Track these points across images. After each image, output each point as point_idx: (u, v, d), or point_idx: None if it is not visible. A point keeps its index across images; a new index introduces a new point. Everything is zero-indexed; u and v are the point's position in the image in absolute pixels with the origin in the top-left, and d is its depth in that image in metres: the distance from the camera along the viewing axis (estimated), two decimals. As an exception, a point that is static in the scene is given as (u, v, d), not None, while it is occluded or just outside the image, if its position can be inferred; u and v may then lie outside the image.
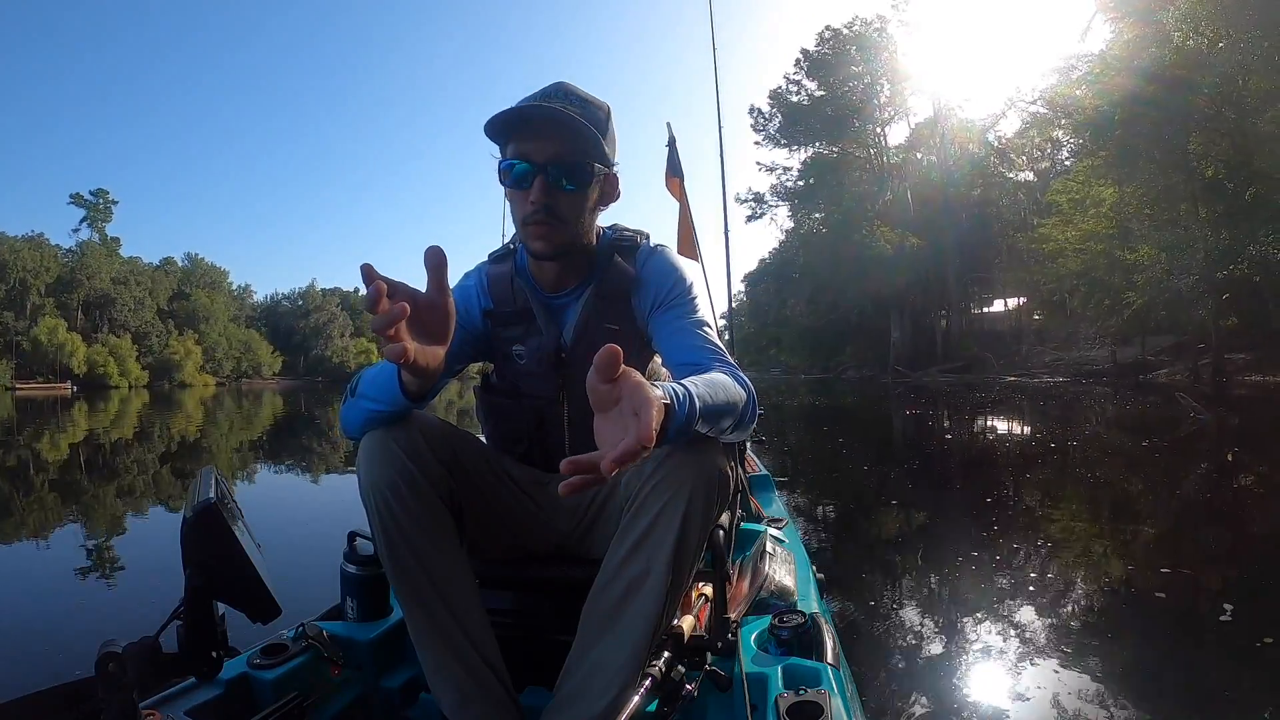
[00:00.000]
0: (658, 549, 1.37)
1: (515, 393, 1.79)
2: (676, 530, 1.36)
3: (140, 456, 12.33)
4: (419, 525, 1.45)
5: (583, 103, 1.60)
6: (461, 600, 1.48)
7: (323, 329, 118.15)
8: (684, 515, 1.36)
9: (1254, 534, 5.21)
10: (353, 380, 1.57)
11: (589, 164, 1.59)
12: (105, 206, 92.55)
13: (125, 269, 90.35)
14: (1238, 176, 23.67)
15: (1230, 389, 20.43)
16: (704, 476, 1.39)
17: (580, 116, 1.54)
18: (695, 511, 1.37)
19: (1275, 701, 2.70)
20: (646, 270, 1.73)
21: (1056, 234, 33.20)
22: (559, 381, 1.74)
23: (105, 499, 7.89)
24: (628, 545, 1.40)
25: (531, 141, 1.56)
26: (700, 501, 1.38)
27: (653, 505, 1.38)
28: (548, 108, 1.53)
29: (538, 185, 1.55)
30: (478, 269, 1.85)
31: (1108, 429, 12.38)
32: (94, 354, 78.36)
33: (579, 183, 1.59)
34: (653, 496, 1.38)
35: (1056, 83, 35.05)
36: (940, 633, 3.44)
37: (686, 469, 1.38)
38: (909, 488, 7.61)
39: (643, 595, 1.38)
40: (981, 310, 56.75)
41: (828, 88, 55.03)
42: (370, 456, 1.46)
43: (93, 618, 3.95)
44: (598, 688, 1.37)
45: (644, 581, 1.38)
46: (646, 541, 1.38)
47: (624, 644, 1.38)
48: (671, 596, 1.40)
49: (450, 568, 1.48)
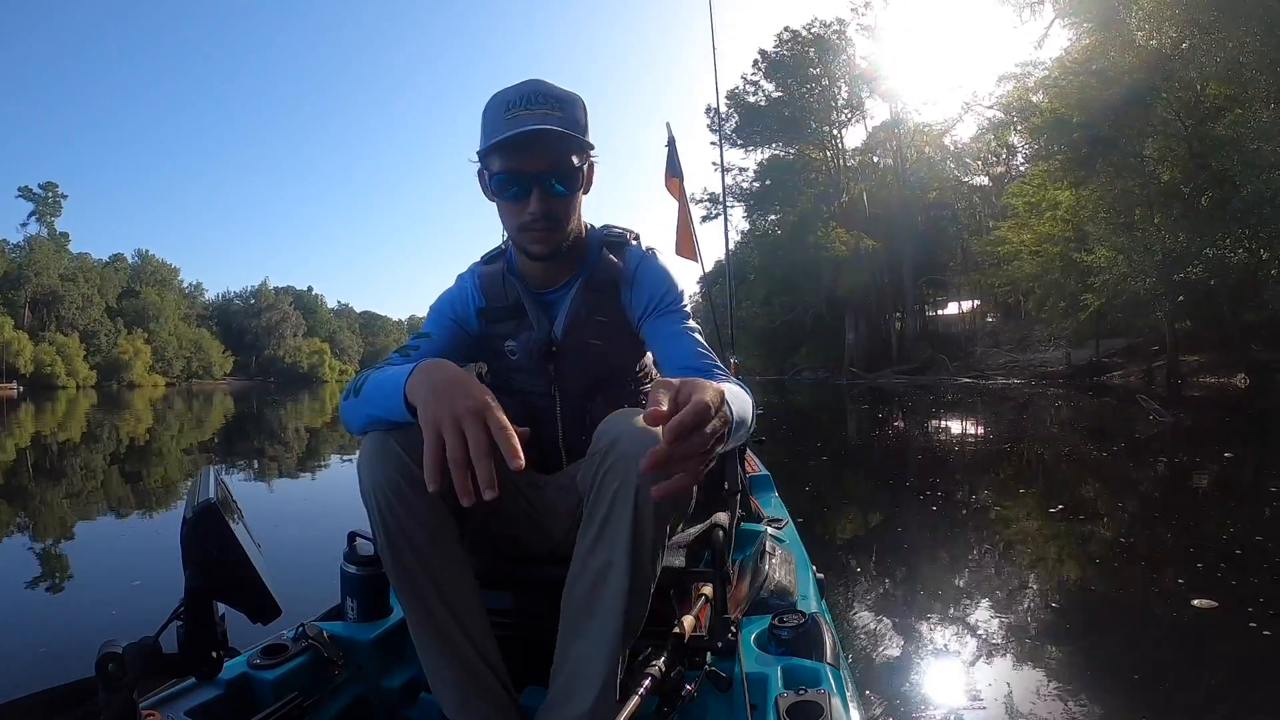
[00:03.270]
0: (615, 538, 1.36)
1: (508, 389, 1.79)
2: (630, 517, 1.35)
3: (139, 458, 12.12)
4: (420, 525, 1.43)
5: (561, 103, 1.59)
6: (462, 600, 1.47)
7: (275, 328, 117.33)
8: (635, 502, 1.35)
9: (1251, 535, 5.28)
10: (357, 380, 1.53)
11: (578, 167, 1.61)
12: (54, 200, 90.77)
13: (74, 265, 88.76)
14: (1194, 180, 24.14)
15: (1184, 390, 20.78)
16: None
17: (563, 123, 1.56)
18: (645, 491, 1.34)
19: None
20: (640, 272, 1.75)
21: (1012, 237, 33.62)
22: (550, 374, 1.74)
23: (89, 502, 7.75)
24: (590, 537, 1.40)
25: (523, 156, 1.56)
26: (649, 481, 1.31)
27: (605, 494, 1.37)
28: (543, 130, 1.53)
29: (535, 197, 1.57)
30: (471, 269, 1.86)
31: (1075, 433, 12.48)
32: (41, 353, 76.50)
33: (570, 186, 1.62)
34: (604, 484, 1.37)
35: (1013, 88, 35.58)
36: (941, 632, 3.46)
37: (634, 445, 1.35)
38: (890, 490, 7.65)
39: (609, 587, 1.37)
40: (936, 312, 57.45)
41: (785, 89, 55.35)
42: (372, 456, 1.43)
43: (93, 618, 3.91)
44: (582, 685, 1.38)
45: (608, 573, 1.37)
46: (606, 531, 1.37)
47: (599, 638, 1.38)
48: (636, 585, 1.38)
49: (451, 567, 1.47)
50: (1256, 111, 19.17)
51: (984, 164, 49.71)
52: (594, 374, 1.73)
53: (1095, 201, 27.40)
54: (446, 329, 1.77)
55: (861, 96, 54.30)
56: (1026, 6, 33.34)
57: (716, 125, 47.72)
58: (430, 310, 1.82)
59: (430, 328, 1.78)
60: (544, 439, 1.77)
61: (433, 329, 1.77)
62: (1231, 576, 4.05)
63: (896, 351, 48.36)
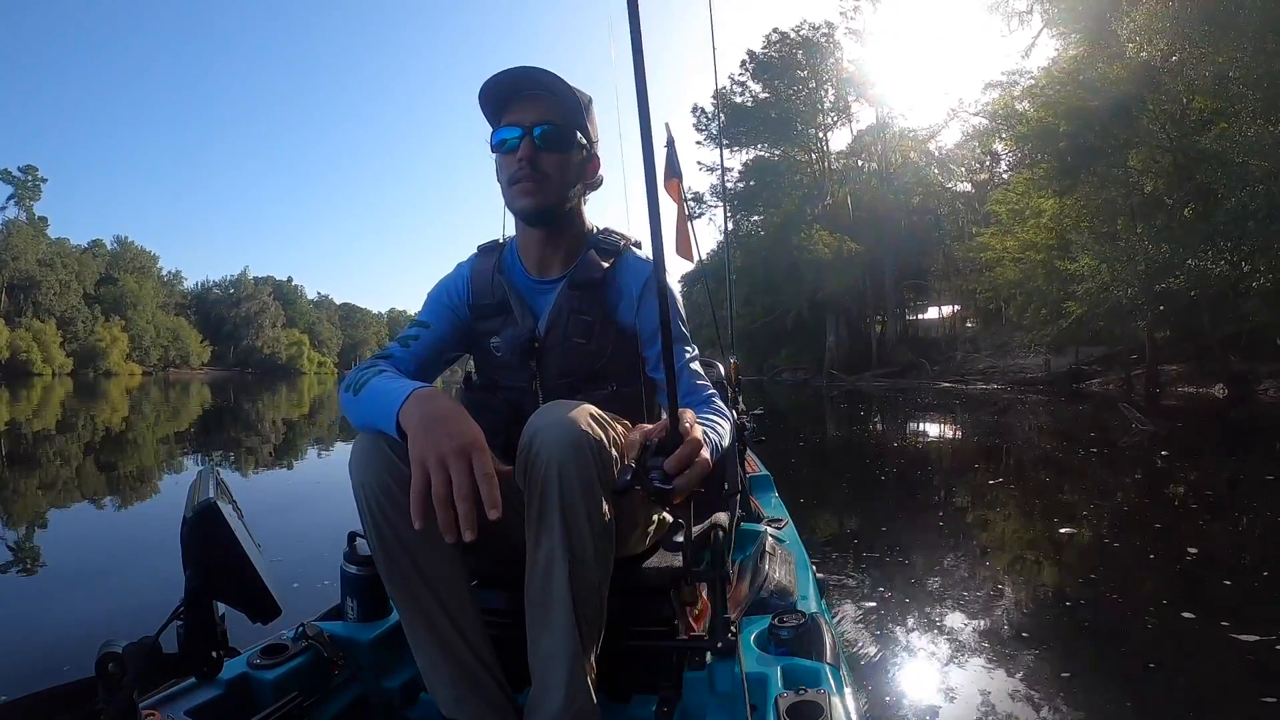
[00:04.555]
0: (549, 526, 1.38)
1: (494, 386, 1.82)
2: (556, 502, 1.36)
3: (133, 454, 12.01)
4: (410, 524, 1.40)
5: (559, 80, 1.65)
6: (455, 598, 1.49)
7: (254, 319, 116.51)
8: (560, 486, 1.35)
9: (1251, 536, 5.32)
10: (357, 375, 1.55)
11: (572, 129, 1.68)
12: (34, 184, 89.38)
13: (52, 250, 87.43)
14: (1178, 192, 24.31)
15: (1163, 399, 20.93)
16: (563, 440, 1.36)
17: (557, 88, 1.65)
18: (568, 476, 1.35)
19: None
20: (646, 290, 1.76)
21: (995, 243, 33.76)
22: (533, 370, 1.76)
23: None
24: (533, 531, 1.42)
25: (517, 109, 1.66)
26: (570, 467, 1.36)
27: (535, 484, 1.39)
28: (533, 68, 1.63)
29: (524, 144, 1.64)
30: (470, 259, 1.89)
31: (1061, 440, 12.53)
32: (17, 339, 75.47)
33: (562, 145, 1.67)
34: (532, 474, 1.39)
35: (999, 96, 35.71)
36: (941, 632, 3.47)
37: (548, 434, 1.37)
38: (886, 492, 7.67)
39: (555, 576, 1.39)
40: (917, 317, 57.60)
41: (773, 90, 55.42)
42: (361, 457, 1.45)
43: (93, 618, 3.89)
44: (552, 681, 1.39)
45: (552, 564, 1.39)
46: (543, 522, 1.39)
47: (556, 630, 1.40)
48: (578, 572, 1.39)
49: (444, 566, 1.48)
50: (1243, 126, 19.31)
51: (968, 170, 49.88)
52: (576, 371, 1.74)
53: (1079, 210, 27.56)
54: (443, 318, 1.80)
55: (848, 100, 54.44)
56: (1015, 16, 33.58)
57: (717, 125, 47.86)
58: (428, 297, 1.86)
59: (427, 316, 1.81)
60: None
61: (430, 318, 1.80)
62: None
63: (877, 355, 48.44)
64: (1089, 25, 25.06)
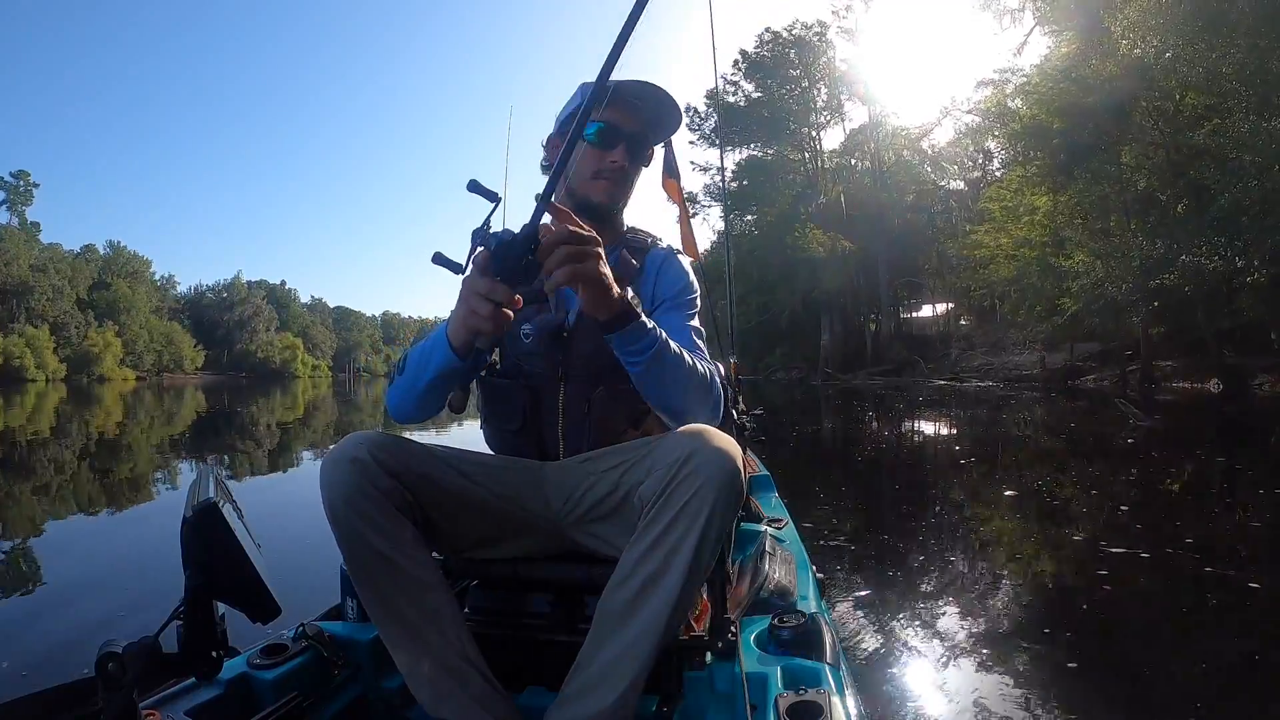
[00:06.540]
0: (676, 547, 1.37)
1: (518, 373, 1.84)
2: (699, 529, 1.36)
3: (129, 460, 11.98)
4: (379, 533, 1.48)
5: (678, 110, 1.80)
6: (430, 600, 1.51)
7: (247, 323, 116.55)
8: (706, 515, 1.36)
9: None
10: (400, 360, 1.69)
11: (653, 148, 1.85)
12: (26, 189, 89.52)
13: (44, 256, 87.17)
14: (1171, 188, 24.39)
15: (1158, 395, 20.97)
16: (726, 475, 1.38)
17: (668, 107, 1.77)
18: (717, 512, 1.37)
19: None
20: (665, 268, 1.87)
21: (989, 240, 33.83)
22: (558, 359, 1.79)
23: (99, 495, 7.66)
24: (646, 543, 1.40)
25: (626, 110, 1.73)
26: (722, 502, 1.38)
27: (675, 503, 1.38)
28: (653, 85, 1.71)
29: (621, 149, 1.75)
30: None
31: (1061, 437, 12.50)
32: (9, 345, 75.10)
33: (646, 159, 1.85)
34: (674, 495, 1.38)
35: (991, 94, 35.77)
36: (941, 630, 3.46)
37: (709, 467, 1.37)
38: (889, 494, 7.67)
39: (657, 594, 1.38)
40: (911, 315, 57.72)
41: (765, 90, 55.51)
42: (326, 476, 1.50)
43: (93, 618, 3.86)
44: (606, 685, 1.38)
45: (659, 580, 1.38)
46: (666, 539, 1.38)
47: (634, 642, 1.39)
48: (685, 597, 1.40)
49: (414, 570, 1.51)
50: (1236, 122, 19.37)
51: (961, 168, 50.04)
52: (600, 362, 1.73)
53: (1073, 207, 27.66)
54: None
55: (841, 99, 54.60)
56: (1007, 14, 33.65)
57: (712, 126, 47.85)
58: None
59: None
60: (544, 424, 1.81)
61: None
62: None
63: (871, 353, 48.58)
64: (1081, 22, 25.15)
